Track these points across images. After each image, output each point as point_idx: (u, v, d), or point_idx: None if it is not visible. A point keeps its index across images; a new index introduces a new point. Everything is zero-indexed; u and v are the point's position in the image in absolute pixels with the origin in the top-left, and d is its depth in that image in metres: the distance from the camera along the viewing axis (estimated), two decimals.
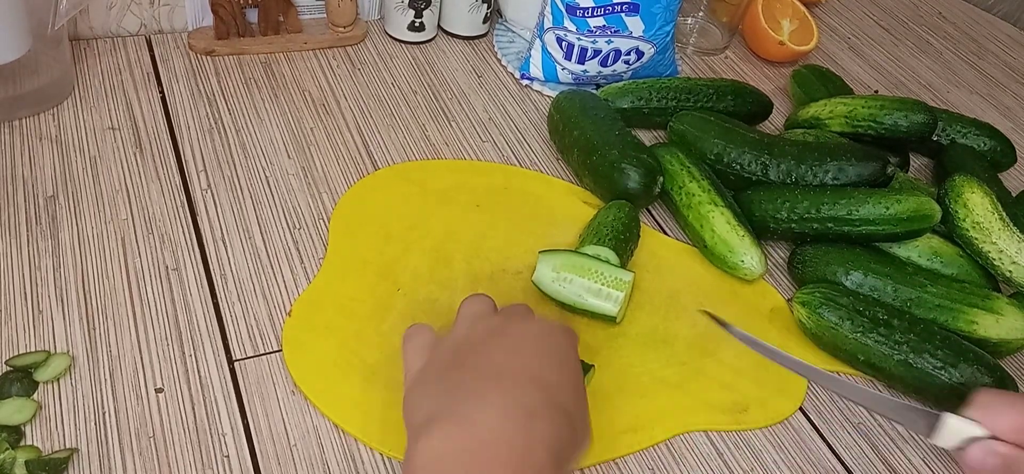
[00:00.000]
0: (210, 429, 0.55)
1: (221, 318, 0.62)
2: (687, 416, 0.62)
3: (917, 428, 0.54)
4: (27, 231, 0.65)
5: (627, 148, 0.74)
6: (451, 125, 0.83)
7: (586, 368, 0.59)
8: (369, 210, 0.72)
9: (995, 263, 0.71)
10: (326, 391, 0.58)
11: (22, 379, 0.55)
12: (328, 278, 0.66)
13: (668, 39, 0.89)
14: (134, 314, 0.61)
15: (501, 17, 0.99)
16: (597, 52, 0.86)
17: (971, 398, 0.53)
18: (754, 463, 0.60)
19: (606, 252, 0.67)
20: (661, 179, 0.75)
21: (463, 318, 0.55)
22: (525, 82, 0.91)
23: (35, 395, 0.55)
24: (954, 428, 0.52)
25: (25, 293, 0.61)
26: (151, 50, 0.85)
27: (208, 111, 0.80)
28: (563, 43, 0.87)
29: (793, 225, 0.73)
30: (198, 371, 0.59)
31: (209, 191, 0.72)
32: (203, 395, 0.57)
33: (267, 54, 0.88)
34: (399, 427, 0.56)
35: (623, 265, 0.67)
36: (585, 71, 0.88)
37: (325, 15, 0.91)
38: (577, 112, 0.79)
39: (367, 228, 0.70)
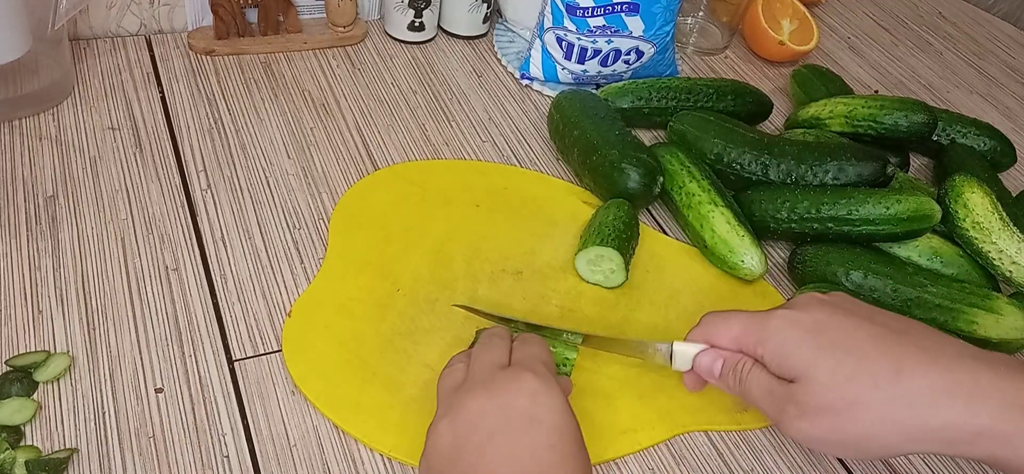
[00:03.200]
0: (210, 429, 0.55)
1: (221, 318, 0.62)
2: (687, 416, 0.62)
3: (660, 360, 0.58)
4: (27, 231, 0.65)
5: (627, 148, 0.74)
6: (451, 125, 0.83)
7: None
8: (369, 210, 0.72)
9: (995, 263, 0.71)
10: (326, 391, 0.58)
11: (22, 379, 0.55)
12: (328, 278, 0.66)
13: (668, 39, 0.89)
14: (134, 314, 0.61)
15: (501, 17, 0.99)
16: (597, 52, 0.86)
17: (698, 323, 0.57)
18: (754, 463, 0.60)
19: (609, 253, 0.67)
20: (661, 179, 0.75)
21: (468, 393, 0.51)
22: (525, 82, 0.91)
23: (35, 395, 0.55)
24: (683, 352, 0.56)
25: (25, 293, 0.61)
26: (151, 50, 0.85)
27: (208, 111, 0.80)
28: (563, 43, 0.87)
29: (793, 225, 0.73)
30: (198, 371, 0.59)
31: (209, 191, 0.72)
32: (203, 395, 0.57)
33: (267, 54, 0.88)
34: (399, 427, 0.57)
35: (626, 265, 0.67)
36: (585, 71, 0.88)
37: (325, 15, 0.91)
38: (577, 112, 0.79)
39: (367, 228, 0.70)
